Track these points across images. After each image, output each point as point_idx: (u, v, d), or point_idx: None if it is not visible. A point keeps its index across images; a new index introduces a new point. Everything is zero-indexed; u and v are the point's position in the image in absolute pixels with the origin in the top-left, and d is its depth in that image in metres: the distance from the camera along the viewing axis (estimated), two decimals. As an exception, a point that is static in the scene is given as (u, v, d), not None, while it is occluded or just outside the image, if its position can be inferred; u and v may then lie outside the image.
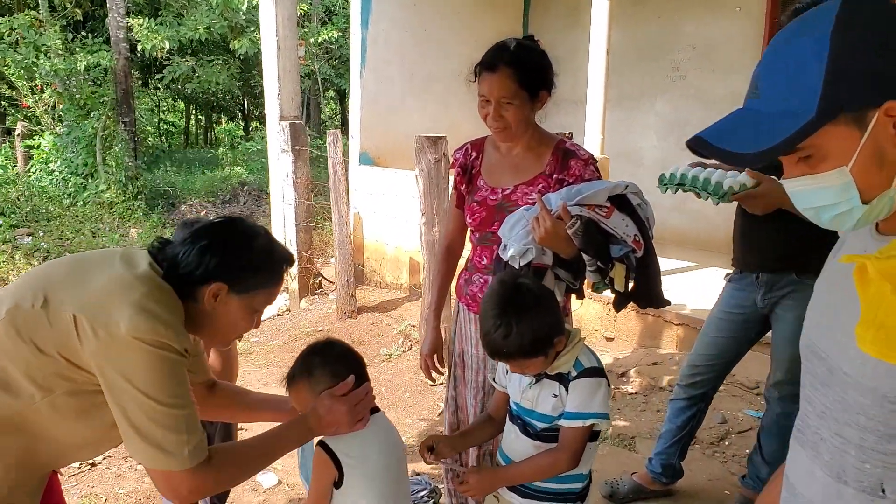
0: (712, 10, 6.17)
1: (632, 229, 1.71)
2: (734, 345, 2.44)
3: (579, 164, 1.91)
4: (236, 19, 10.28)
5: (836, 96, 0.81)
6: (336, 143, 5.35)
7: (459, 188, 2.10)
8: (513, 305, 1.54)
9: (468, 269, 2.12)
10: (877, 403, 0.86)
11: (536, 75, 1.88)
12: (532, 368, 1.61)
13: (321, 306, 5.91)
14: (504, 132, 1.90)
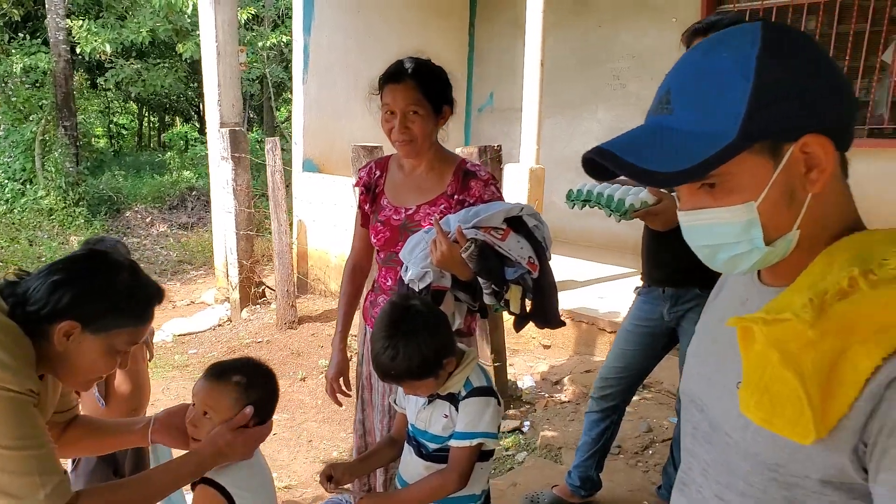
0: (650, 21, 6.29)
1: (527, 251, 1.73)
2: (643, 357, 2.49)
3: (479, 184, 1.93)
4: (181, 22, 10.08)
5: (761, 121, 0.75)
6: (275, 150, 5.30)
7: (363, 207, 2.10)
8: (401, 328, 1.55)
9: (374, 291, 2.12)
10: (756, 470, 0.81)
11: (440, 89, 1.92)
12: (423, 390, 1.62)
13: (262, 316, 5.84)
14: (409, 145, 1.90)
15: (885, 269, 0.73)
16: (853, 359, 0.71)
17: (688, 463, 0.96)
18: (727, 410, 0.85)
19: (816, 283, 0.76)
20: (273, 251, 5.54)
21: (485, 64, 7.73)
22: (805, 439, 0.73)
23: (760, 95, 0.74)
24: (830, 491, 0.76)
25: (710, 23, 2.19)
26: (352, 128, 6.75)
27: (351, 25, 6.67)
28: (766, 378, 0.76)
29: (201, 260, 8.18)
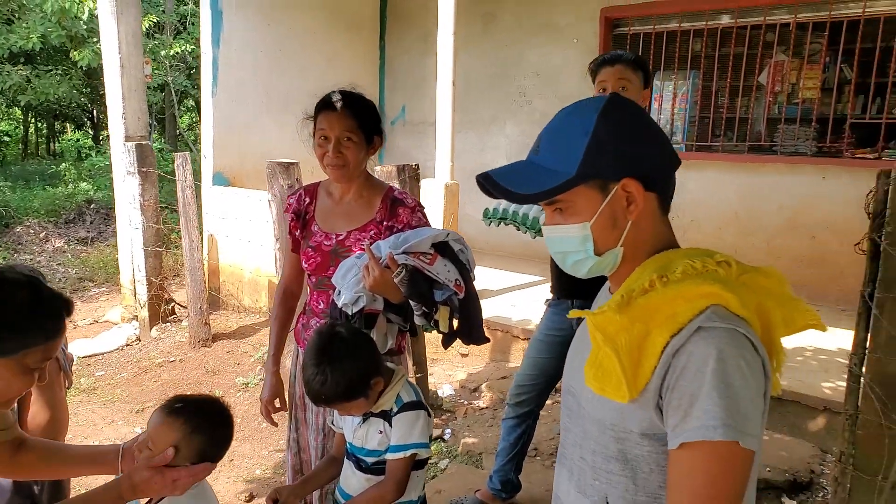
0: (553, 41, 6.62)
1: (453, 274, 1.86)
2: (555, 365, 2.67)
3: (406, 211, 2.05)
4: (76, 28, 9.64)
5: (592, 164, 1.03)
6: (185, 165, 5.22)
7: (294, 233, 2.18)
8: (327, 355, 1.65)
9: (306, 314, 2.20)
10: (601, 431, 1.07)
11: (372, 120, 2.04)
12: (356, 410, 1.73)
13: (174, 334, 5.71)
14: (342, 170, 2.00)
15: (674, 273, 1.02)
16: (653, 338, 0.99)
17: (564, 438, 1.21)
18: (582, 388, 1.10)
19: (630, 285, 1.05)
20: (184, 267, 5.45)
21: (396, 77, 7.86)
22: (623, 399, 0.99)
23: (592, 147, 1.03)
24: (647, 441, 1.02)
25: (617, 56, 2.43)
26: (263, 141, 6.73)
27: (261, 39, 6.65)
28: (599, 356, 1.03)
29: (104, 276, 7.86)
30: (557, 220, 1.09)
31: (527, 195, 1.04)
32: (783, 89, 5.78)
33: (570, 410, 1.18)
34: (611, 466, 1.06)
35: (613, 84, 2.41)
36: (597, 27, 6.31)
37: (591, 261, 1.08)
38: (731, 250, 4.78)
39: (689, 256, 1.05)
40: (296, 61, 6.97)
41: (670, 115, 6.08)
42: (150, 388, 4.74)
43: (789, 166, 5.48)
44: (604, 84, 2.45)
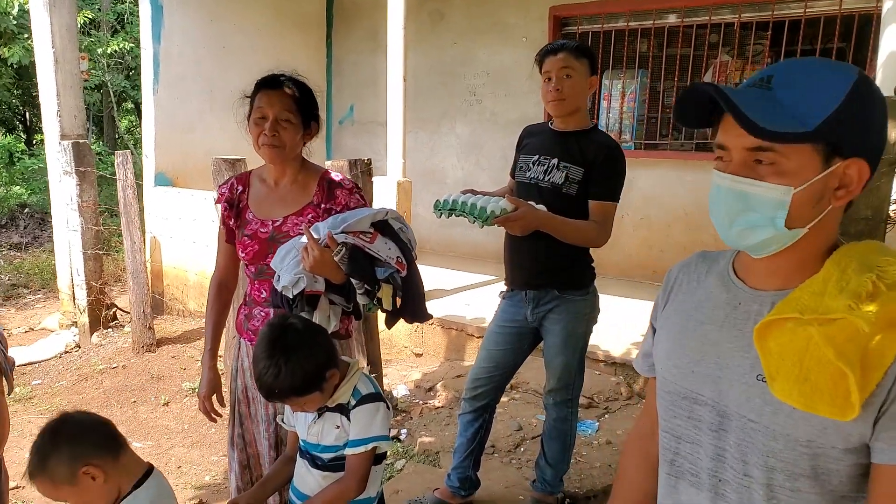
0: (502, 40, 6.62)
1: (394, 252, 1.82)
2: (511, 356, 2.64)
3: (344, 192, 2.00)
4: (5, 24, 9.21)
5: (835, 128, 0.90)
6: (126, 164, 5.01)
7: (228, 223, 2.10)
8: (280, 346, 1.58)
9: (247, 304, 2.12)
10: (788, 447, 0.94)
11: (311, 104, 1.99)
12: (310, 405, 1.66)
13: (116, 340, 5.47)
14: (276, 151, 1.94)
15: (888, 274, 0.90)
16: (879, 348, 0.87)
17: (692, 453, 1.06)
18: (747, 400, 0.97)
19: (841, 287, 0.90)
20: (126, 270, 5.23)
21: (344, 76, 7.75)
22: (844, 417, 0.87)
23: (843, 110, 0.90)
24: (849, 456, 0.92)
25: (560, 45, 2.41)
26: (207, 140, 6.53)
27: (204, 35, 6.45)
28: (804, 369, 0.89)
29: (39, 283, 7.50)
30: (751, 173, 0.93)
31: (773, 132, 0.88)
32: (726, 89, 5.90)
33: (700, 422, 1.04)
34: (798, 484, 0.95)
35: (557, 72, 2.39)
36: (546, 26, 6.34)
37: (770, 232, 0.94)
38: (680, 247, 4.86)
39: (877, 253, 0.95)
40: (240, 59, 6.79)
41: (619, 114, 6.14)
42: (92, 396, 4.52)
43: (734, 163, 5.59)
44: (548, 73, 2.43)
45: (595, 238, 2.43)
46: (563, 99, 2.41)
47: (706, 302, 1.08)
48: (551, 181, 2.44)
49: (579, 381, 2.61)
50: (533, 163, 2.51)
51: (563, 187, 2.42)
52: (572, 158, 2.42)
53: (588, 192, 2.42)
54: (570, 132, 2.48)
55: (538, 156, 2.50)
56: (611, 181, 2.43)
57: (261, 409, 2.11)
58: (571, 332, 2.51)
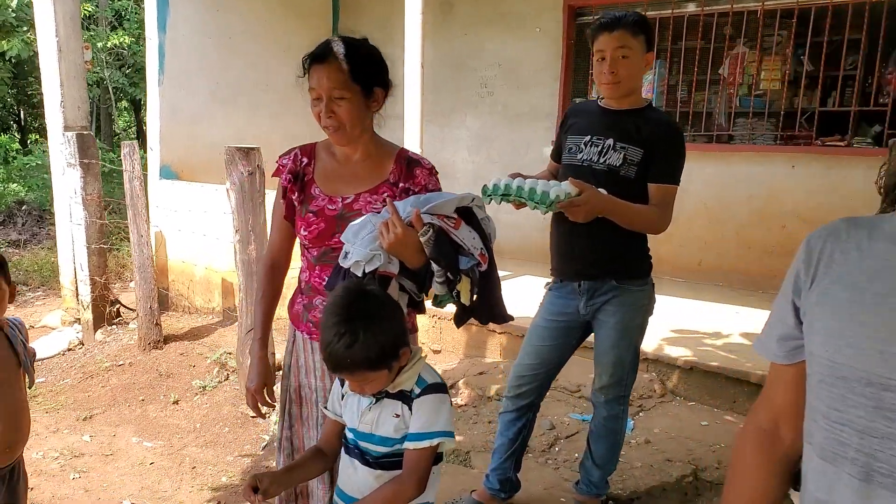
0: (514, 30, 6.47)
1: (478, 242, 1.65)
2: (557, 352, 2.48)
3: (424, 172, 1.83)
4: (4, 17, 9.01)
5: None
6: (132, 155, 4.85)
7: (290, 197, 1.90)
8: (358, 312, 1.43)
9: (305, 293, 1.93)
10: None
11: (369, 68, 1.77)
12: (374, 385, 1.50)
13: (120, 337, 5.30)
14: (338, 133, 1.76)
15: None
16: None
17: (881, 449, 0.89)
18: None
19: None
20: (125, 268, 5.06)
21: (351, 70, 7.58)
22: None
23: None
24: None
25: (616, 20, 2.24)
26: (213, 132, 6.38)
27: (209, 25, 6.29)
28: None
29: (38, 280, 7.32)
30: None
31: None
32: (744, 81, 5.78)
33: (881, 408, 0.89)
34: None
35: (612, 52, 2.23)
36: (560, 16, 6.19)
37: None
38: (700, 241, 4.70)
39: None
40: (245, 49, 6.64)
41: (636, 106, 5.99)
42: (98, 394, 4.35)
43: (759, 156, 5.46)
44: (601, 53, 2.27)
45: (658, 223, 2.29)
46: (617, 82, 2.26)
47: (884, 271, 0.92)
48: (607, 163, 2.29)
49: (632, 377, 2.45)
50: (585, 143, 2.35)
51: (621, 169, 2.27)
52: (630, 138, 2.27)
53: (647, 175, 2.27)
54: (625, 111, 2.33)
55: (590, 136, 2.34)
56: (672, 162, 2.29)
57: (314, 411, 1.94)
58: (628, 324, 2.35)
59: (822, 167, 5.18)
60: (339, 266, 1.68)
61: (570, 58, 6.30)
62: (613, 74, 2.25)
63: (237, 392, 4.24)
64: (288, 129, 7.13)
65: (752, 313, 4.61)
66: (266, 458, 3.48)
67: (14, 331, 2.02)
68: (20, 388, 2.02)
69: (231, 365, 4.56)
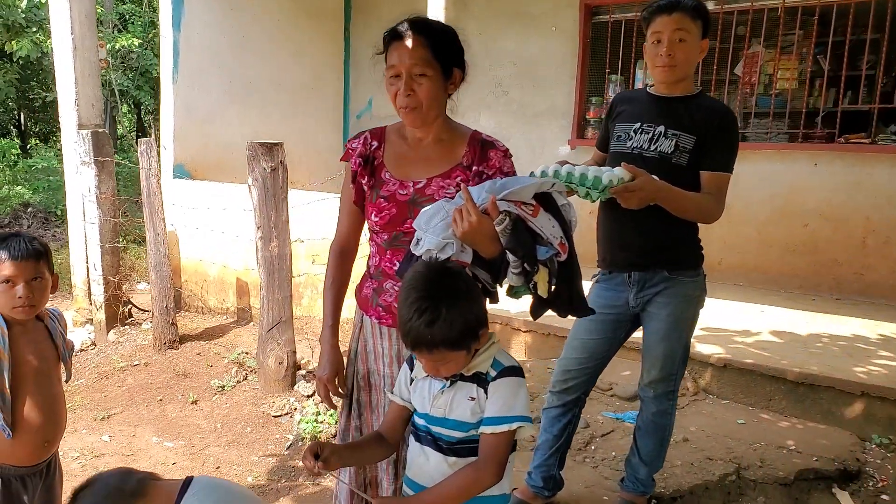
0: (530, 29, 6.43)
1: (558, 231, 1.57)
2: (605, 346, 2.42)
3: (499, 155, 1.77)
4: (13, 17, 8.97)
5: None
6: (150, 152, 4.79)
7: (360, 181, 1.84)
8: (441, 289, 1.39)
9: (374, 277, 1.87)
10: None
11: (450, 47, 1.74)
12: (450, 367, 1.45)
13: (134, 337, 5.23)
14: (415, 113, 1.70)
15: None
16: None
17: None
18: None
19: None
20: (148, 263, 4.99)
21: (362, 69, 7.54)
22: None
23: None
24: None
25: (674, 2, 2.19)
26: (226, 131, 6.33)
27: (224, 23, 6.24)
28: None
29: (47, 282, 7.24)
30: None
31: None
32: (759, 80, 5.74)
33: None
34: None
35: (670, 35, 2.18)
36: (576, 14, 6.16)
37: None
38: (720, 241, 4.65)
39: None
40: (259, 49, 6.59)
41: (654, 105, 5.95)
42: (115, 394, 4.28)
43: (780, 154, 5.41)
44: (658, 35, 2.21)
45: (712, 212, 2.22)
46: (674, 65, 2.20)
47: None
48: (659, 150, 2.23)
49: (682, 370, 2.39)
50: (635, 131, 2.29)
51: (673, 157, 2.21)
52: (682, 125, 2.21)
53: (699, 162, 2.21)
54: (676, 97, 2.27)
55: (640, 123, 2.29)
56: (726, 150, 2.23)
57: (384, 398, 1.86)
58: (680, 316, 2.28)
59: (844, 165, 5.13)
60: (410, 252, 1.63)
61: (587, 56, 6.25)
62: (670, 57, 2.20)
63: (257, 392, 4.16)
64: (301, 128, 7.09)
65: (778, 312, 4.55)
66: (292, 458, 3.40)
67: (54, 322, 1.96)
68: (59, 381, 1.96)
69: (249, 365, 4.49)
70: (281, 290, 4.06)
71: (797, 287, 5.29)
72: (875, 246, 5.08)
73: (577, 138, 6.31)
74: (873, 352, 3.72)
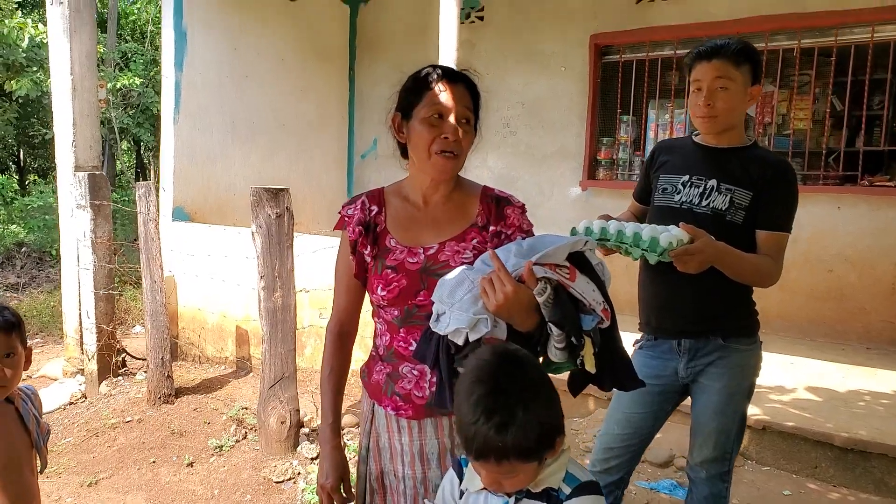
0: (539, 69, 6.31)
1: (598, 294, 1.37)
2: (651, 420, 2.18)
3: (516, 212, 1.59)
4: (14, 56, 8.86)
5: None
6: (148, 196, 4.58)
7: (361, 251, 1.63)
8: (514, 383, 1.16)
9: (386, 360, 1.62)
10: None
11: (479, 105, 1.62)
12: (517, 481, 1.21)
13: (127, 390, 4.96)
14: (456, 161, 1.55)
15: None
16: None
17: None
18: None
19: None
20: (138, 311, 4.75)
21: (367, 109, 7.42)
22: None
23: None
24: None
25: (716, 48, 2.01)
26: (229, 173, 6.16)
27: (227, 63, 6.11)
28: None
29: (38, 326, 6.98)
30: None
31: None
32: (773, 120, 5.60)
33: None
34: None
35: (709, 83, 2.00)
36: (586, 54, 6.04)
37: None
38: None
39: None
40: (263, 88, 6.45)
41: (668, 146, 5.80)
42: (105, 455, 3.99)
43: (802, 196, 5.21)
44: (698, 84, 2.04)
45: (771, 275, 2.02)
46: (714, 116, 2.03)
47: None
48: (711, 206, 2.04)
49: (737, 448, 2.14)
50: (683, 184, 2.10)
51: (727, 214, 2.02)
52: (736, 180, 2.03)
53: (756, 220, 2.03)
54: (728, 148, 2.09)
55: (689, 176, 2.09)
56: (785, 207, 2.05)
57: (403, 501, 1.61)
58: (735, 389, 2.06)
59: (869, 208, 4.95)
60: (429, 330, 1.40)
61: (597, 97, 6.12)
62: (710, 107, 2.01)
63: (257, 453, 3.89)
64: (305, 169, 6.92)
65: (809, 364, 4.31)
66: (296, 532, 3.13)
67: (27, 404, 1.72)
68: (31, 472, 1.72)
69: (249, 422, 4.22)
70: (284, 343, 3.82)
71: (824, 335, 5.06)
72: (904, 293, 4.87)
73: (589, 179, 6.14)
74: (919, 411, 3.48)
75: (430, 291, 1.46)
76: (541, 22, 6.24)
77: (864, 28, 4.92)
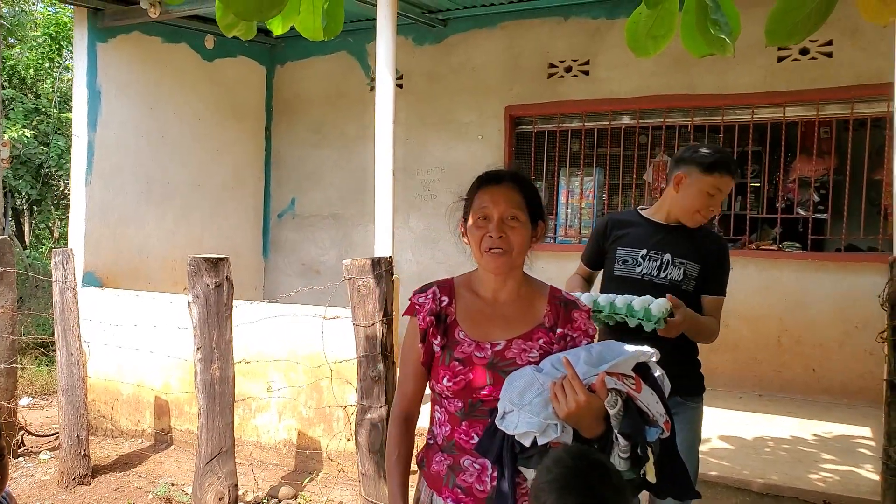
0: (457, 137, 6.61)
1: (661, 407, 1.47)
2: None
3: (583, 316, 1.66)
4: None
5: None
6: (66, 263, 4.39)
7: (431, 341, 1.67)
8: (603, 490, 1.20)
9: (446, 451, 1.64)
10: None
11: (537, 200, 1.69)
12: None
13: (31, 472, 4.62)
14: (504, 258, 1.61)
15: None
16: None
17: None
18: None
19: None
20: (59, 388, 4.48)
21: (284, 169, 7.43)
22: None
23: None
24: None
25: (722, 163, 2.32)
26: (142, 235, 5.99)
27: (143, 123, 6.00)
28: None
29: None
30: None
31: None
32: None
33: None
34: None
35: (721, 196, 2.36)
36: (502, 124, 6.40)
37: None
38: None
39: None
40: (179, 148, 6.36)
41: (578, 210, 6.21)
42: (21, 547, 3.71)
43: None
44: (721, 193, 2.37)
45: (717, 333, 2.40)
46: (711, 217, 2.42)
47: None
48: (669, 277, 2.35)
49: None
50: (643, 257, 2.40)
51: (682, 284, 2.35)
52: (687, 254, 2.37)
53: (702, 288, 2.39)
54: (676, 226, 2.41)
55: (646, 250, 2.39)
56: (726, 276, 2.44)
57: None
58: (692, 443, 2.35)
59: (756, 269, 5.51)
60: (494, 426, 1.48)
61: (512, 164, 6.47)
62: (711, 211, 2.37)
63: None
64: (220, 230, 6.81)
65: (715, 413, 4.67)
66: None
67: None
68: None
69: (178, 499, 4.05)
70: (222, 416, 3.73)
71: (722, 385, 5.49)
72: (789, 345, 5.42)
73: (505, 241, 6.42)
74: (817, 454, 3.88)
75: (494, 387, 1.53)
76: (459, 93, 6.56)
77: (746, 110, 5.55)
